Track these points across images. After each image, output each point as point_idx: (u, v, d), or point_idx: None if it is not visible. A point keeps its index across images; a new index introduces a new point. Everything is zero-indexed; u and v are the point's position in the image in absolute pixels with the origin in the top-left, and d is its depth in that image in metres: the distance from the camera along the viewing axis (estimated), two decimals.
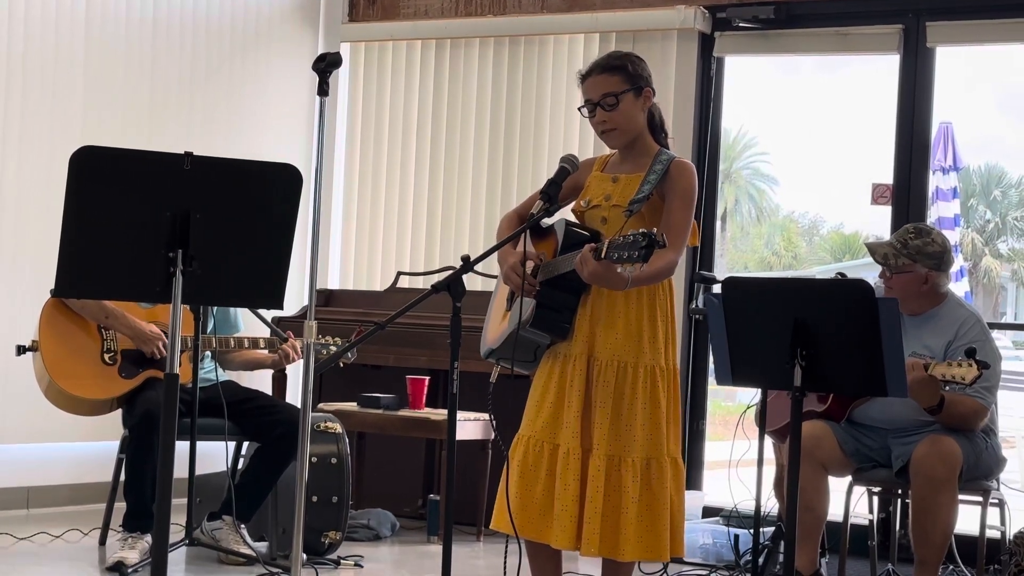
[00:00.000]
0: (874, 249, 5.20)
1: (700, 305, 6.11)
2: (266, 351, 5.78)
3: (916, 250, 5.11)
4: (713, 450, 7.26)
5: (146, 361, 5.52)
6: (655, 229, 3.63)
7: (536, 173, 7.36)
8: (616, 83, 4.10)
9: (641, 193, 4.00)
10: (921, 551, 4.90)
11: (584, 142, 7.24)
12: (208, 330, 5.59)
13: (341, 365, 5.70)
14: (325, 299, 7.29)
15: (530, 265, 4.10)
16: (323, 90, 4.02)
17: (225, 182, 3.66)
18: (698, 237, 4.25)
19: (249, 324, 5.98)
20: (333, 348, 5.74)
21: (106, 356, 5.52)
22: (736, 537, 5.79)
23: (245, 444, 5.80)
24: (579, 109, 4.21)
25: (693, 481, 6.95)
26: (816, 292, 4.18)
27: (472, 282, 5.27)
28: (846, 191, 36.39)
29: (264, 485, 5.52)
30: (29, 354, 5.48)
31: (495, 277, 4.42)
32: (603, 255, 3.73)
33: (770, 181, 35.44)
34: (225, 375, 5.80)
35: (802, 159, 35.29)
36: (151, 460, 5.22)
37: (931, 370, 4.70)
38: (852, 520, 5.27)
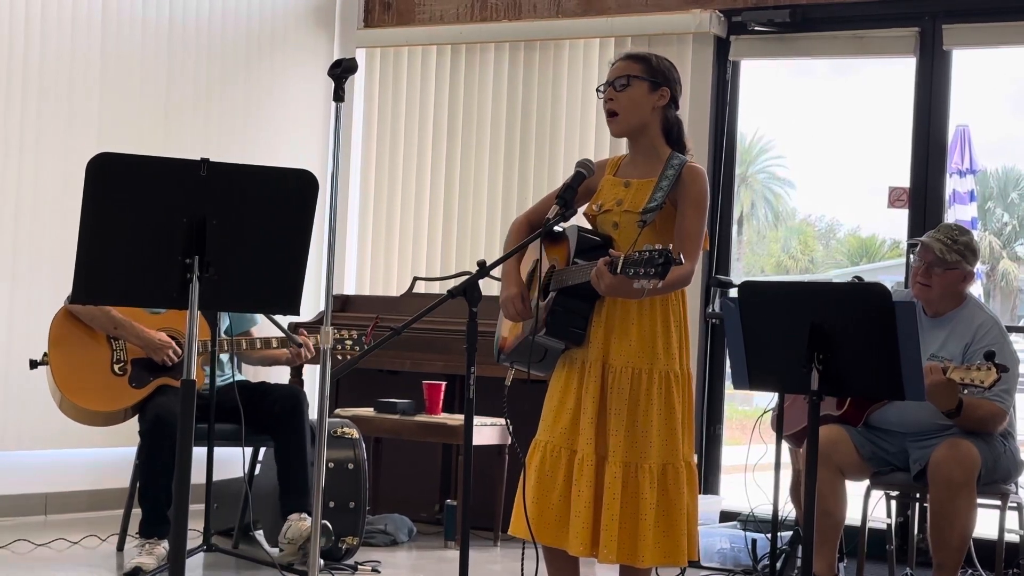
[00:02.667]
0: (931, 245, 5.14)
1: (716, 309, 6.10)
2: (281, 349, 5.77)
3: (965, 246, 5.11)
4: (730, 454, 7.25)
5: (156, 369, 5.53)
6: (671, 245, 3.63)
7: (552, 177, 7.36)
8: (635, 69, 4.12)
9: (654, 201, 3.99)
10: (939, 555, 4.88)
11: (600, 146, 7.24)
12: (224, 329, 5.58)
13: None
14: (341, 304, 7.29)
15: (543, 268, 4.10)
16: (339, 96, 4.03)
17: (241, 188, 3.66)
18: (709, 241, 4.25)
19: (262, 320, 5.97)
20: (349, 343, 5.71)
21: (115, 367, 5.52)
22: (753, 541, 5.78)
23: (262, 451, 5.80)
24: (597, 89, 4.23)
25: (710, 485, 6.94)
26: (833, 296, 4.17)
27: (488, 287, 5.23)
28: (863, 194, 36.33)
29: (298, 468, 5.45)
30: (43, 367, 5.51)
31: None
32: (619, 270, 3.72)
33: (786, 185, 35.42)
34: (240, 375, 5.80)
35: (818, 163, 35.25)
36: (164, 465, 5.22)
37: (949, 374, 4.68)
38: (870, 524, 5.25)
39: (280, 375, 6.80)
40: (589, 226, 4.18)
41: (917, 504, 5.50)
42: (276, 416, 5.48)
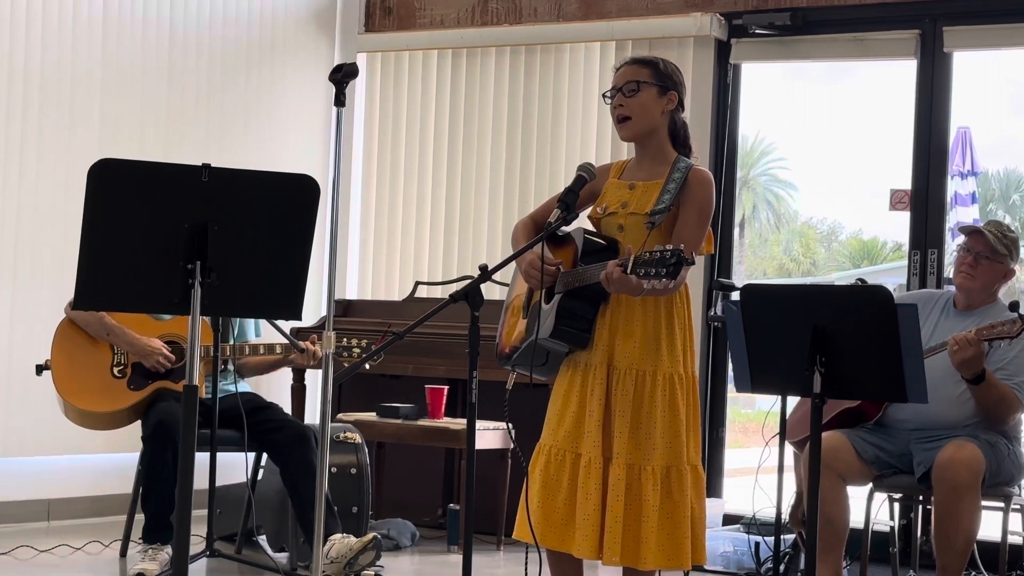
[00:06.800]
0: (984, 233, 5.14)
1: (719, 312, 6.11)
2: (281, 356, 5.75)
3: (1012, 242, 5.15)
4: (733, 458, 7.24)
5: (156, 373, 5.53)
6: (682, 246, 3.64)
7: (553, 181, 7.36)
8: (643, 75, 4.13)
9: (661, 204, 4.00)
10: (943, 557, 4.88)
11: (601, 150, 7.24)
12: (230, 341, 5.59)
13: (367, 367, 5.69)
14: (343, 309, 7.29)
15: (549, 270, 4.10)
16: (340, 101, 4.03)
17: (243, 193, 3.66)
18: (713, 245, 4.25)
19: (267, 328, 5.96)
20: (356, 351, 5.71)
21: (115, 370, 5.53)
22: (757, 545, 5.78)
23: (264, 456, 5.79)
24: (603, 95, 4.22)
25: (713, 489, 6.94)
26: (835, 299, 4.17)
27: (490, 291, 5.26)
28: (864, 197, 36.31)
29: (305, 495, 5.45)
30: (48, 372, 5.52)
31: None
32: (629, 270, 3.72)
33: (788, 187, 35.38)
34: (247, 386, 5.80)
35: (820, 165, 35.23)
36: (166, 470, 5.23)
37: (975, 332, 4.73)
38: (873, 527, 5.25)
39: (282, 390, 6.80)
40: (593, 229, 4.18)
41: (920, 507, 5.49)
42: (282, 451, 5.48)
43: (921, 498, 5.30)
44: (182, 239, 3.56)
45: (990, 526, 5.16)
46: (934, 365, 4.87)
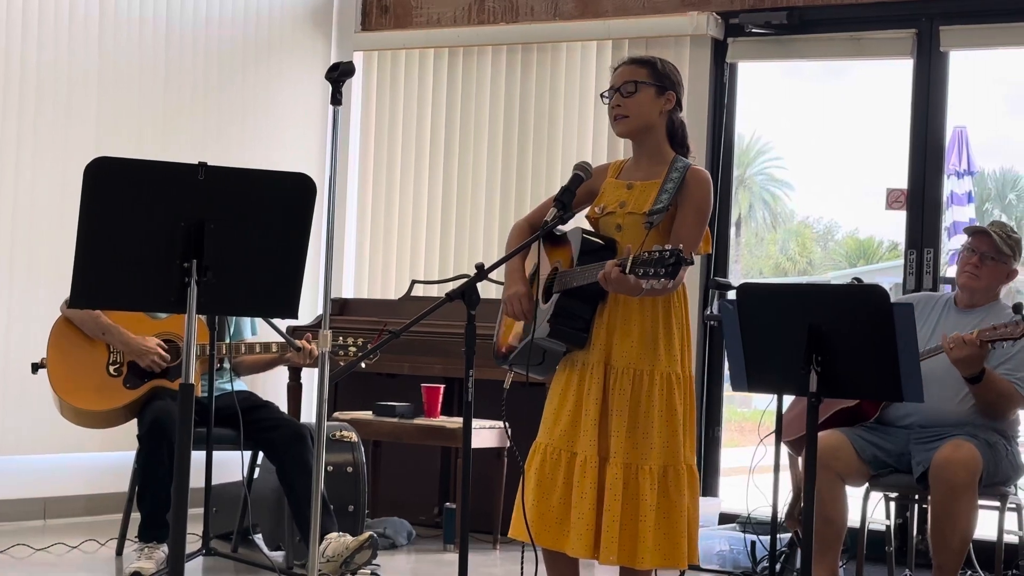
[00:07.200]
0: (990, 233, 5.16)
1: (715, 311, 6.10)
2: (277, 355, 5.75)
3: (1016, 243, 5.18)
4: (728, 456, 7.24)
5: (152, 371, 5.53)
6: (681, 246, 3.64)
7: (550, 180, 7.36)
8: (641, 75, 4.13)
9: (660, 203, 4.00)
10: (940, 557, 4.88)
11: (598, 149, 7.24)
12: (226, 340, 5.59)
13: (363, 366, 5.70)
14: (340, 308, 7.29)
15: (545, 270, 4.11)
16: (336, 99, 4.03)
17: (239, 192, 3.66)
18: (711, 245, 4.25)
19: (263, 326, 5.96)
20: (353, 349, 5.71)
21: (111, 368, 5.53)
22: (753, 543, 5.78)
23: (260, 455, 5.79)
24: (601, 95, 4.22)
25: (709, 488, 6.94)
26: (831, 298, 4.17)
27: (486, 290, 5.25)
28: (861, 196, 36.33)
29: (301, 494, 5.44)
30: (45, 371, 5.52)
31: None
32: (628, 270, 3.72)
33: (784, 186, 35.37)
34: (243, 384, 5.80)
35: (816, 164, 35.22)
36: (162, 469, 5.23)
37: (976, 335, 4.73)
38: (869, 526, 5.25)
39: (278, 389, 6.80)
40: (591, 229, 4.18)
41: (916, 506, 5.50)
42: (278, 450, 5.48)
43: (917, 497, 5.30)
44: (178, 237, 3.56)
45: (986, 525, 5.17)
46: (936, 361, 4.89)
